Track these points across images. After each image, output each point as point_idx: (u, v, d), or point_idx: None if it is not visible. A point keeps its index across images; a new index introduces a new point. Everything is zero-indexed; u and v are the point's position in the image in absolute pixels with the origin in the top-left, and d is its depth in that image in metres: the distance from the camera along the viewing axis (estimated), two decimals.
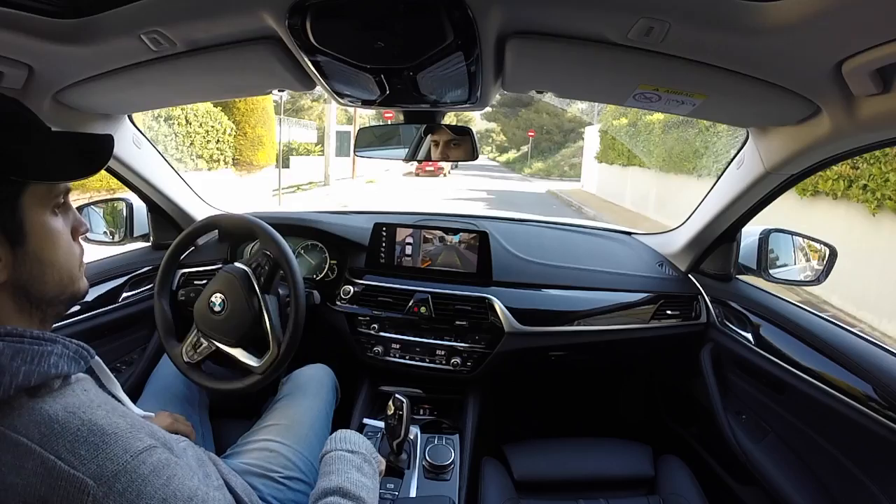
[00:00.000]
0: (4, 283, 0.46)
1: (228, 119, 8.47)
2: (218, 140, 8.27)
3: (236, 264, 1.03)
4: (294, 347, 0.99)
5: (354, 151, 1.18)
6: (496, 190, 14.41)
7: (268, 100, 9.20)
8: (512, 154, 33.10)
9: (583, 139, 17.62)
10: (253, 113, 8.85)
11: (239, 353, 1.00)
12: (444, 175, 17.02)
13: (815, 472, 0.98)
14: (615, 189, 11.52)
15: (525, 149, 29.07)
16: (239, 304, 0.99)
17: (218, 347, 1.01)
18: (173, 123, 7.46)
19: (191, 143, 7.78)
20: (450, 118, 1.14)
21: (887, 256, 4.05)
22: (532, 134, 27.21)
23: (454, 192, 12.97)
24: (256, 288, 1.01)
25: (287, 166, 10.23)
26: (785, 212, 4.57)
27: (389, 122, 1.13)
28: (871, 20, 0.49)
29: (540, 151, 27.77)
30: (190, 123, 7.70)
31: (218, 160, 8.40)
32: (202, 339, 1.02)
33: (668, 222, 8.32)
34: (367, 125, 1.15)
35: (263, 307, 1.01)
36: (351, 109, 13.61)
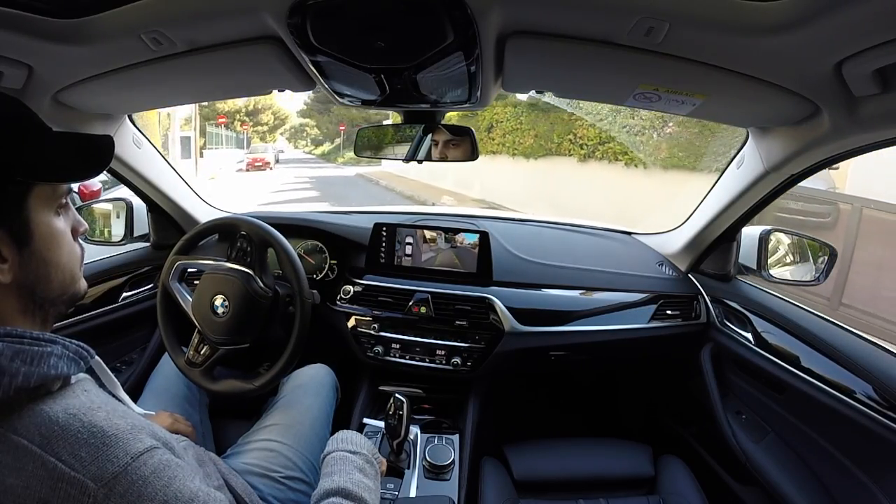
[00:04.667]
0: (10, 284, 0.47)
1: None
2: None
3: (237, 266, 1.03)
4: (299, 352, 0.99)
5: (355, 152, 1.18)
6: (315, 176, 17.50)
7: (154, 115, 11.36)
8: (326, 146, 35.59)
9: None
10: (146, 128, 11.37)
11: (243, 356, 1.00)
12: (270, 168, 19.51)
13: (815, 472, 0.98)
14: (404, 166, 14.13)
15: (338, 141, 31.50)
16: (242, 307, 0.98)
17: (220, 350, 1.01)
18: None
19: None
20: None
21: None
22: (342, 127, 29.55)
23: (284, 179, 15.79)
24: (259, 290, 1.01)
25: None
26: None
27: (388, 123, 1.12)
28: (871, 20, 0.49)
29: (351, 142, 29.50)
30: None
31: None
32: (203, 343, 1.02)
33: (435, 183, 12.24)
34: (366, 126, 1.14)
35: (267, 309, 1.01)
36: (188, 116, 15.29)
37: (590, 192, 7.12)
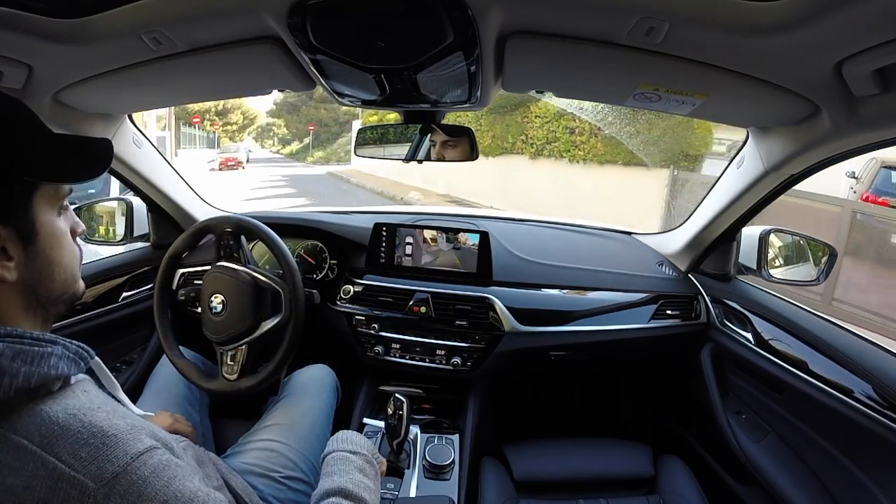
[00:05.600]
0: (15, 282, 0.47)
1: None
2: None
3: (233, 265, 1.03)
4: (293, 351, 0.99)
5: (354, 151, 1.18)
6: (288, 175, 17.98)
7: (135, 116, 12.10)
8: (295, 146, 35.91)
9: None
10: None
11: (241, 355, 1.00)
12: (243, 167, 20.11)
13: (815, 472, 0.99)
14: (371, 164, 15.21)
15: (307, 140, 31.83)
16: (238, 306, 0.98)
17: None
18: None
19: None
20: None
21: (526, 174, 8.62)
22: (312, 127, 30.28)
23: (259, 178, 16.22)
24: (256, 288, 1.00)
25: None
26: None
27: (391, 122, 1.12)
28: (871, 20, 0.49)
29: (320, 142, 30.55)
30: None
31: None
32: (230, 350, 1.01)
33: (403, 180, 12.75)
34: (367, 125, 1.14)
35: (262, 308, 1.01)
36: (161, 115, 15.12)
37: (541, 185, 8.41)
